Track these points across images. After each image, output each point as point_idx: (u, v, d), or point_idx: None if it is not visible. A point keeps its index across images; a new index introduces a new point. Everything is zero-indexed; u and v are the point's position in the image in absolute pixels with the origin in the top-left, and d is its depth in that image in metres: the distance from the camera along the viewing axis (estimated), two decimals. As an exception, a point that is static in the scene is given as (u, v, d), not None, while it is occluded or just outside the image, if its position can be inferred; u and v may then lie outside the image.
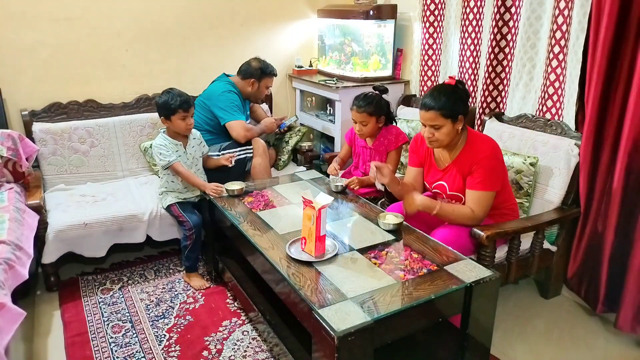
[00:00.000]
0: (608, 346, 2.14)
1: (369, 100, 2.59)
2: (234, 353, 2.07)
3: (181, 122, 2.46)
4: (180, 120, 2.46)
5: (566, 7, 2.25)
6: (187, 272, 2.60)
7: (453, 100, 1.97)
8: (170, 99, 2.43)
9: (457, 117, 1.99)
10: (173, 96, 2.44)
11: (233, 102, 2.87)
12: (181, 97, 2.45)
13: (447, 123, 1.99)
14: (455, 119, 1.99)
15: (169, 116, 2.45)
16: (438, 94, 1.99)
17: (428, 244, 1.90)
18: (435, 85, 2.10)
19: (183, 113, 2.44)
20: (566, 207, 2.29)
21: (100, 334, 2.19)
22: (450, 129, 2.00)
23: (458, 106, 1.98)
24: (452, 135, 2.02)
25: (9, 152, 2.50)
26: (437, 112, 1.98)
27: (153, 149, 2.55)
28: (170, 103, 2.42)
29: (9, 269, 1.87)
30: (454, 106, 1.97)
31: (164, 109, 2.45)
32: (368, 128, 2.61)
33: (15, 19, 2.83)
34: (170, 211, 2.56)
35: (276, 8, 3.61)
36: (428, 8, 3.07)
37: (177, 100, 2.42)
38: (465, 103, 2.02)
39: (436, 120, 1.99)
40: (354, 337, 1.38)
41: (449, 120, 1.98)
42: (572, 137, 2.27)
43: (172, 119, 2.46)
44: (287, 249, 1.85)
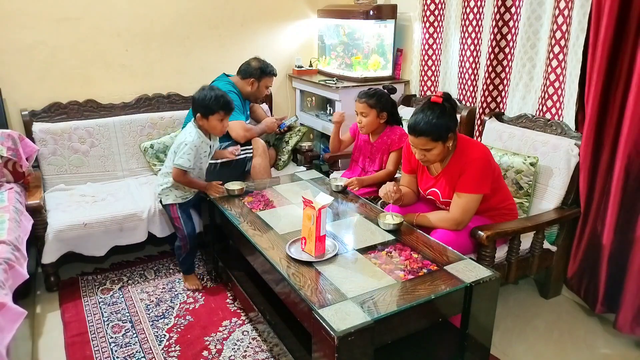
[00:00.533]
0: (608, 346, 2.14)
1: (372, 93, 2.60)
2: (234, 353, 2.07)
3: (218, 124, 2.35)
4: (218, 122, 2.35)
5: (566, 7, 2.25)
6: (184, 274, 2.60)
7: (441, 122, 1.94)
8: (211, 98, 2.31)
9: (447, 136, 1.97)
10: (216, 96, 2.32)
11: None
12: (224, 97, 2.35)
13: (437, 145, 1.98)
14: (446, 139, 1.98)
15: (206, 115, 2.33)
16: (426, 117, 1.94)
17: (428, 244, 1.90)
18: (422, 103, 2.06)
19: (224, 115, 2.35)
20: (566, 207, 2.29)
21: (100, 334, 2.19)
22: (442, 149, 2.00)
23: (447, 127, 1.96)
24: (443, 153, 2.02)
25: (9, 152, 2.50)
26: (426, 137, 1.96)
27: (183, 145, 2.33)
28: (212, 102, 2.31)
29: (9, 269, 1.87)
30: (442, 128, 1.94)
31: (203, 106, 2.33)
32: (368, 120, 2.61)
33: (15, 19, 2.83)
34: (167, 210, 2.50)
35: (276, 8, 3.61)
36: (428, 8, 3.07)
37: (219, 101, 2.32)
38: (453, 119, 2.00)
39: (427, 145, 1.98)
40: (354, 337, 1.38)
41: (439, 143, 1.97)
42: (572, 137, 2.27)
43: (210, 119, 2.34)
44: (287, 249, 1.85)
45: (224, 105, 2.34)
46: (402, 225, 2.03)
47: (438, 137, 1.95)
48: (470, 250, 2.08)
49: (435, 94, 2.01)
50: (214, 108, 2.31)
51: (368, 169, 2.77)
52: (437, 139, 1.96)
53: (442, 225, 2.06)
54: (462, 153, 2.05)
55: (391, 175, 2.65)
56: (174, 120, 3.22)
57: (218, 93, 2.34)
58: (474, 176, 1.99)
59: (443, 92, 2.03)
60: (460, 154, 2.05)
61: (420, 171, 2.25)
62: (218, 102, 2.32)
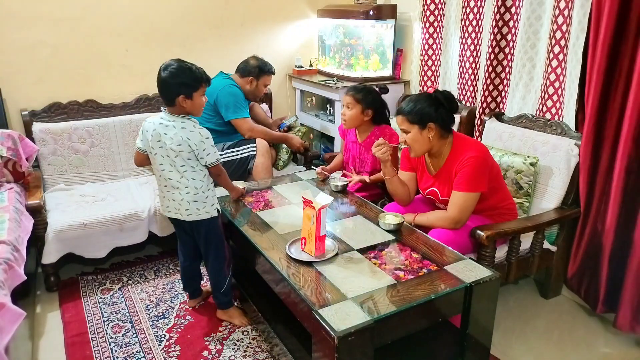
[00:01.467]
0: (608, 346, 2.14)
1: (360, 88, 2.59)
2: (234, 353, 2.07)
3: (201, 100, 1.99)
4: (201, 98, 1.99)
5: (566, 7, 2.25)
6: (224, 308, 2.23)
7: (421, 107, 1.99)
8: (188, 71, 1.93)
9: (426, 124, 2.00)
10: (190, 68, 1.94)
11: (236, 97, 2.86)
12: (197, 67, 1.97)
13: (413, 128, 2.02)
14: (424, 125, 2.00)
15: (190, 93, 1.93)
16: (410, 100, 2.04)
17: (428, 244, 1.90)
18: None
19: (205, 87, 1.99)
20: (566, 207, 2.29)
21: (100, 334, 2.19)
22: (417, 135, 2.02)
23: (426, 113, 1.99)
24: (422, 142, 2.03)
25: (9, 152, 2.50)
26: (403, 116, 2.03)
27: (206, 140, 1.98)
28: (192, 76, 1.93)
29: (9, 269, 1.87)
30: (420, 112, 1.99)
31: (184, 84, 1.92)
32: (351, 113, 2.57)
33: (15, 19, 2.83)
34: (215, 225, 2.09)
35: (276, 8, 3.61)
36: (428, 8, 3.06)
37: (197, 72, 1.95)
38: (438, 111, 2.01)
39: (402, 125, 2.04)
40: (354, 337, 1.38)
41: (415, 126, 2.01)
42: (572, 137, 2.27)
43: (194, 97, 1.95)
44: (287, 249, 1.85)
45: (203, 75, 1.97)
46: (402, 225, 2.03)
47: (414, 119, 2.01)
48: (470, 250, 2.08)
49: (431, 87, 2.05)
50: (196, 84, 1.94)
51: (360, 171, 2.74)
52: (413, 122, 2.01)
53: (441, 224, 2.06)
54: (458, 151, 2.05)
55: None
56: (174, 120, 3.21)
57: (189, 64, 1.96)
58: (470, 174, 1.99)
59: (444, 90, 2.06)
60: (456, 153, 2.06)
61: (420, 171, 2.25)
62: (197, 74, 1.94)
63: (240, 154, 2.80)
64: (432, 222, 2.09)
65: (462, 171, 2.00)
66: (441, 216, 2.07)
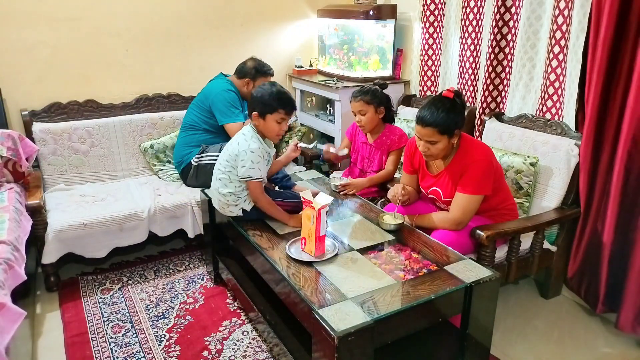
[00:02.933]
0: (608, 346, 2.14)
1: (365, 90, 2.60)
2: (234, 353, 2.07)
3: (275, 126, 2.06)
4: (276, 124, 2.05)
5: (566, 7, 2.25)
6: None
7: (451, 116, 1.94)
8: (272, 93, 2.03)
9: (453, 132, 1.98)
10: (278, 92, 2.04)
11: (230, 102, 2.86)
12: (287, 95, 2.05)
13: (443, 139, 1.98)
14: (452, 134, 1.98)
15: (264, 113, 2.04)
16: (436, 109, 1.95)
17: (428, 244, 1.90)
18: (434, 96, 2.08)
19: (284, 115, 2.05)
20: (566, 207, 2.29)
21: (100, 334, 2.19)
22: (446, 144, 2.00)
23: (455, 121, 1.96)
24: (447, 149, 2.03)
25: (9, 152, 2.50)
26: (434, 129, 1.96)
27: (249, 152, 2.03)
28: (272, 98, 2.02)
29: (9, 269, 1.87)
30: (450, 122, 1.95)
31: (261, 103, 2.03)
32: (367, 118, 2.60)
33: (15, 19, 2.83)
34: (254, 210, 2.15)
35: (276, 8, 3.61)
36: (428, 8, 3.06)
37: (282, 97, 2.03)
38: (462, 116, 2.00)
39: (433, 137, 1.97)
40: (354, 337, 1.38)
41: (445, 136, 1.97)
42: (572, 137, 2.27)
43: (267, 118, 2.04)
44: (287, 249, 1.85)
45: (286, 103, 2.04)
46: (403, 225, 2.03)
47: (445, 129, 1.95)
48: (470, 250, 2.08)
49: (448, 89, 2.03)
50: (274, 105, 2.02)
51: (367, 170, 2.76)
52: (444, 132, 1.96)
53: (443, 225, 2.06)
54: (465, 153, 2.05)
55: (391, 175, 2.65)
56: (173, 121, 3.22)
57: (280, 89, 2.07)
58: (475, 177, 1.99)
59: (454, 89, 2.04)
60: (463, 154, 2.05)
61: (422, 171, 2.25)
62: (280, 99, 2.03)
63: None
64: (433, 224, 2.09)
65: (468, 173, 2.00)
66: (443, 217, 2.07)
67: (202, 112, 2.91)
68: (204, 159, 2.81)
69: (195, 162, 2.83)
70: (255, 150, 2.04)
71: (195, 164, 2.83)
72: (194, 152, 2.86)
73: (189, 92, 3.31)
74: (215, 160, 2.78)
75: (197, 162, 2.82)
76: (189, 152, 2.88)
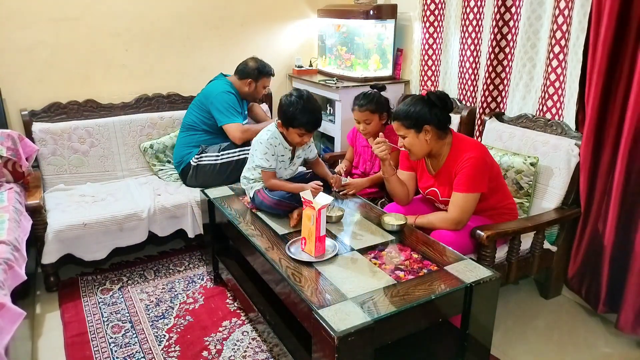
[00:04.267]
0: (608, 347, 2.14)
1: (370, 98, 2.59)
2: (233, 353, 2.07)
3: (296, 137, 2.15)
4: (297, 136, 2.15)
5: (566, 7, 2.25)
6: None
7: (416, 110, 1.99)
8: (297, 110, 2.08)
9: (421, 127, 2.00)
10: (303, 109, 2.08)
11: (230, 103, 2.85)
12: (312, 115, 2.11)
13: (409, 133, 2.02)
14: (419, 129, 2.00)
15: (287, 125, 2.13)
16: (404, 105, 2.04)
17: (428, 244, 1.90)
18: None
19: (305, 132, 2.14)
20: (566, 207, 2.29)
21: (100, 334, 2.19)
22: (414, 139, 2.02)
23: (421, 116, 1.99)
24: (420, 145, 2.04)
25: (9, 152, 2.50)
26: (399, 122, 2.03)
27: (258, 142, 2.19)
28: (296, 114, 2.08)
29: (9, 269, 1.87)
30: (415, 116, 1.99)
31: (286, 114, 2.11)
32: (372, 126, 2.61)
33: (15, 19, 2.83)
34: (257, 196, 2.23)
35: (276, 8, 3.61)
36: (428, 8, 3.06)
37: (305, 117, 2.09)
38: (433, 113, 2.00)
39: (399, 130, 2.05)
40: (354, 337, 1.38)
41: (411, 131, 2.01)
42: (572, 137, 2.27)
43: (290, 130, 2.14)
44: (287, 249, 1.85)
45: (308, 123, 2.11)
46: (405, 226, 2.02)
47: (410, 124, 2.01)
48: (470, 251, 2.08)
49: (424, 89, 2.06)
50: (295, 123, 2.10)
51: (369, 172, 2.76)
52: (409, 127, 2.01)
53: (442, 225, 2.06)
54: (457, 152, 2.05)
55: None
56: (173, 121, 3.21)
57: (306, 105, 2.10)
58: (469, 175, 1.99)
59: (437, 90, 2.08)
60: (455, 153, 2.06)
61: (420, 170, 2.25)
62: (303, 118, 2.09)
63: (237, 155, 2.78)
64: (433, 224, 2.09)
65: (461, 172, 2.00)
66: (442, 217, 2.07)
67: (201, 113, 2.91)
68: (203, 160, 2.81)
69: (194, 163, 2.83)
70: (264, 142, 2.17)
71: (195, 164, 2.83)
72: (194, 153, 2.86)
73: (189, 92, 3.31)
74: (213, 161, 2.79)
75: (196, 163, 2.82)
76: (188, 152, 2.88)
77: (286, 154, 2.25)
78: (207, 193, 2.44)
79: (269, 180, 2.19)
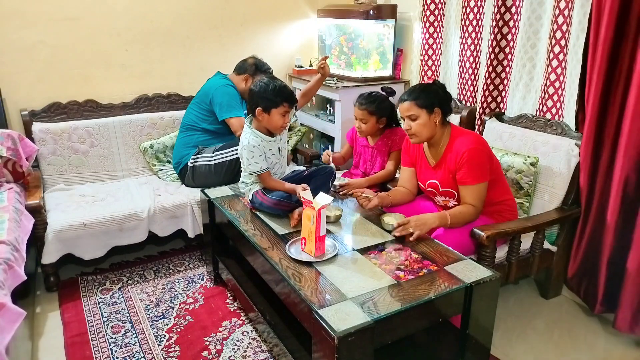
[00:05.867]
0: (608, 346, 2.14)
1: (372, 99, 2.59)
2: (233, 353, 2.07)
3: (280, 119, 2.13)
4: (280, 116, 2.12)
5: (566, 7, 2.25)
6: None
7: (427, 92, 2.06)
8: (275, 88, 2.09)
9: (433, 108, 2.04)
10: (279, 86, 2.10)
11: (230, 96, 2.85)
12: (287, 87, 2.14)
13: (422, 113, 2.04)
14: (431, 109, 2.04)
15: (268, 108, 2.10)
16: (413, 88, 2.12)
17: (428, 244, 1.90)
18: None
19: (288, 108, 2.12)
20: (566, 207, 2.29)
21: (100, 334, 2.19)
22: (426, 120, 2.05)
23: (432, 97, 2.05)
24: (429, 127, 2.07)
25: (9, 152, 2.50)
26: (411, 102, 2.06)
27: (243, 149, 2.18)
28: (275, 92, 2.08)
29: (9, 269, 1.87)
30: (428, 97, 2.05)
31: (264, 98, 2.09)
32: (367, 127, 2.61)
33: (15, 19, 2.83)
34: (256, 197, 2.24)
35: (276, 8, 3.61)
36: (428, 8, 3.06)
37: (283, 91, 2.10)
38: (441, 97, 2.08)
39: (411, 110, 2.06)
40: (354, 337, 1.38)
41: (423, 110, 2.04)
42: (572, 137, 2.27)
43: (272, 112, 2.10)
44: (287, 249, 1.85)
45: (288, 97, 2.11)
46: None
47: (422, 104, 2.04)
48: (470, 251, 2.08)
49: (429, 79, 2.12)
50: (277, 100, 2.09)
51: (369, 172, 2.76)
52: (421, 106, 2.04)
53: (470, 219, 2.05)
54: (455, 141, 2.08)
55: (391, 175, 2.65)
56: (173, 121, 3.22)
57: (280, 83, 2.13)
58: (472, 167, 2.01)
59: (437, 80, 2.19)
60: (453, 142, 2.08)
61: (420, 163, 2.25)
62: (282, 93, 2.10)
63: (231, 155, 2.78)
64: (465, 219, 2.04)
65: (464, 165, 2.01)
66: (471, 212, 2.04)
67: (201, 111, 2.90)
68: (199, 160, 2.81)
69: (191, 164, 2.83)
70: (246, 147, 2.16)
71: (191, 165, 2.82)
72: (191, 153, 2.85)
73: (189, 92, 3.31)
74: (208, 162, 2.79)
75: (192, 164, 2.82)
76: (186, 153, 2.88)
77: (273, 147, 2.22)
78: (207, 193, 2.44)
79: (266, 182, 2.21)
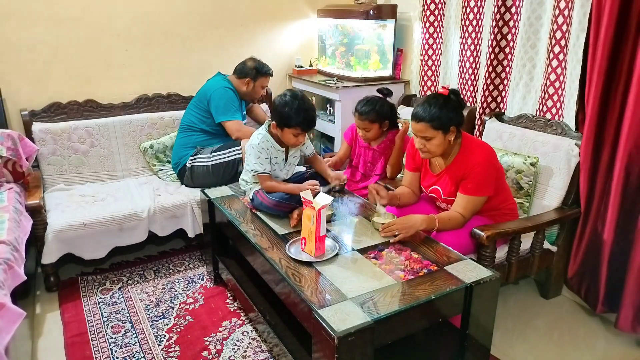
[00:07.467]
0: (608, 346, 2.14)
1: (372, 107, 2.56)
2: (233, 353, 2.07)
3: (292, 138, 2.14)
4: (292, 136, 2.14)
5: (566, 7, 2.25)
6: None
7: (444, 112, 1.94)
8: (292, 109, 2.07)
9: (448, 128, 1.97)
10: (298, 108, 2.08)
11: (229, 99, 2.84)
12: (307, 113, 2.09)
13: (437, 135, 1.97)
14: (447, 130, 1.97)
15: (282, 126, 2.13)
16: (429, 105, 1.96)
17: (428, 244, 1.90)
18: (429, 94, 2.09)
19: (300, 131, 2.13)
20: (566, 207, 2.29)
21: (100, 334, 2.19)
22: (442, 140, 1.98)
23: (449, 117, 1.95)
24: (443, 146, 2.01)
25: (9, 152, 2.50)
26: (426, 123, 1.96)
27: (250, 147, 2.21)
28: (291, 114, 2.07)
29: (9, 269, 1.87)
30: (444, 117, 1.94)
31: (280, 115, 2.10)
32: (371, 133, 2.62)
33: (15, 19, 2.83)
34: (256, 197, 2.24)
35: (276, 8, 3.61)
36: (428, 8, 3.06)
37: (300, 115, 2.08)
38: (458, 113, 1.99)
39: (426, 132, 1.97)
40: (354, 337, 1.38)
41: (439, 132, 1.96)
42: (572, 137, 2.27)
43: (285, 131, 2.13)
44: (287, 249, 1.85)
45: (304, 122, 2.10)
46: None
47: (438, 125, 1.95)
48: (470, 251, 2.08)
49: (443, 87, 2.03)
50: (291, 122, 2.09)
51: (370, 174, 2.75)
52: (437, 128, 1.96)
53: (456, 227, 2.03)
54: (466, 153, 2.05)
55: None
56: (173, 121, 3.21)
57: (301, 104, 2.09)
58: (478, 180, 1.99)
59: (451, 87, 2.04)
60: (464, 154, 2.05)
61: (424, 169, 2.24)
62: (298, 117, 2.08)
63: (228, 156, 2.77)
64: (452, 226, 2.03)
65: (471, 176, 2.00)
66: (459, 220, 2.03)
67: (199, 112, 2.90)
68: (196, 161, 2.81)
69: (189, 164, 2.82)
70: (255, 146, 2.18)
71: (189, 165, 2.82)
72: (190, 154, 2.85)
73: (188, 92, 3.31)
74: (206, 163, 2.78)
75: (190, 164, 2.82)
76: (185, 153, 2.88)
77: (279, 156, 2.24)
78: (207, 193, 2.44)
79: (265, 183, 2.21)
